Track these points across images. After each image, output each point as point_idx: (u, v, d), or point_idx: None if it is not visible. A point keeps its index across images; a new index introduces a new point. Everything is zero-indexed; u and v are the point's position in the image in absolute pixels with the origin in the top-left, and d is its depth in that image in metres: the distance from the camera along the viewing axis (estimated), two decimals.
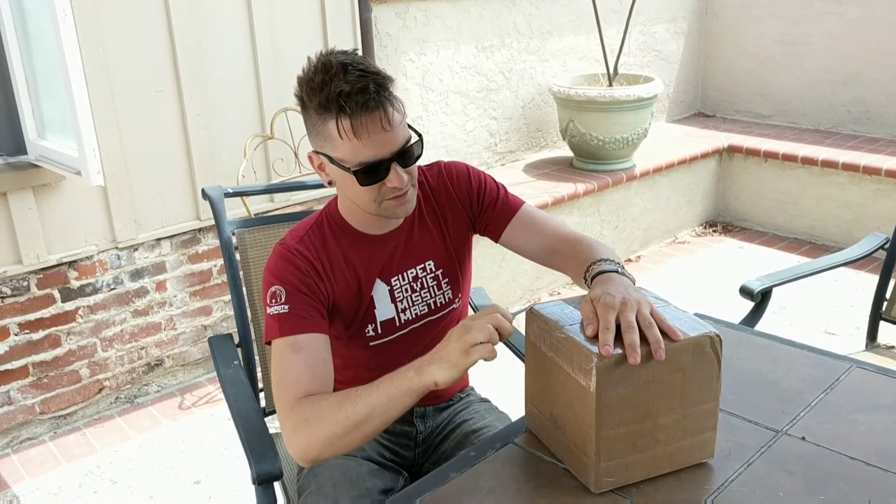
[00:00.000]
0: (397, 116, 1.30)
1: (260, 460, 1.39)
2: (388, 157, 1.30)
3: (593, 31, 4.15)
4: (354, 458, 1.47)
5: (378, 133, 1.28)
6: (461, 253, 1.56)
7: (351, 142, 1.28)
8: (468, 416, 1.60)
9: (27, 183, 2.54)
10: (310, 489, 1.42)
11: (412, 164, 1.36)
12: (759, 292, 2.08)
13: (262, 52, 2.98)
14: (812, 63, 4.76)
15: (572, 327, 1.11)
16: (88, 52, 2.50)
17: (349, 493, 1.37)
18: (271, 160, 3.02)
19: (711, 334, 1.09)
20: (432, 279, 1.51)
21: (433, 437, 1.60)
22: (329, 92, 1.26)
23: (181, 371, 3.06)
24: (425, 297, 1.50)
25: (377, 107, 1.27)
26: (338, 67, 1.27)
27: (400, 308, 1.48)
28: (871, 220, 4.00)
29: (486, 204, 1.53)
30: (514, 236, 1.53)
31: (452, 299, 1.54)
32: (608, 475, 1.09)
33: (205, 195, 1.78)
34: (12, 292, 2.60)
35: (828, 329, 3.31)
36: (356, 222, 1.45)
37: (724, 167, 4.60)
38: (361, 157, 1.29)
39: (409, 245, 1.50)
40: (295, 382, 1.28)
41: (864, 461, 1.16)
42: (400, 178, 1.32)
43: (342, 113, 1.26)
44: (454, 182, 1.54)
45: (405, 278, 1.49)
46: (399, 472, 1.53)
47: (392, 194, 1.34)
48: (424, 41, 3.71)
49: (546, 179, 3.91)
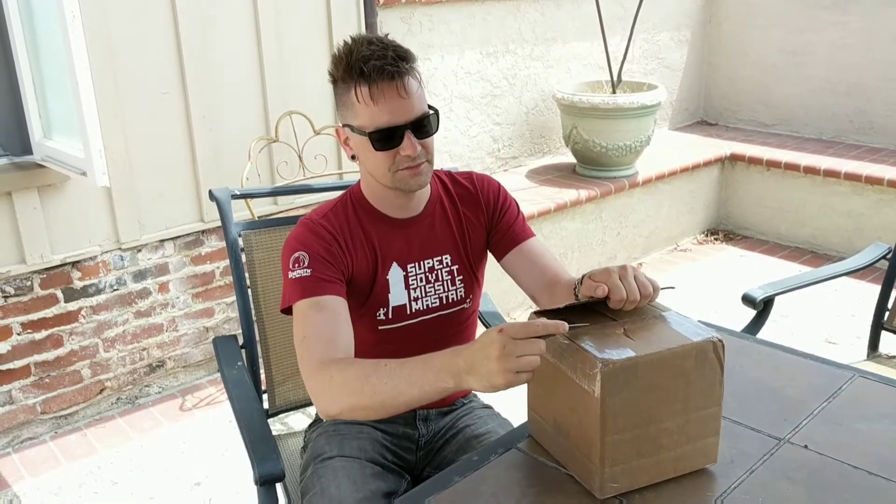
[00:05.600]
0: (414, 85, 1.37)
1: (262, 461, 1.39)
2: (403, 124, 1.37)
3: (597, 39, 4.17)
4: (358, 460, 1.47)
5: (395, 99, 1.35)
6: (477, 257, 1.59)
7: (368, 107, 1.35)
8: (470, 421, 1.61)
9: (32, 183, 2.55)
10: (314, 490, 1.42)
11: (427, 136, 1.41)
12: (762, 301, 2.08)
13: (268, 56, 2.99)
14: (815, 72, 4.77)
15: (575, 332, 1.11)
16: (95, 53, 2.51)
17: (353, 495, 1.38)
18: (275, 163, 3.02)
19: (714, 339, 1.10)
20: (447, 273, 1.54)
21: (435, 441, 1.61)
22: (352, 59, 1.35)
23: (182, 372, 3.06)
24: (438, 290, 1.53)
25: (394, 73, 1.34)
26: (363, 39, 1.37)
27: (413, 296, 1.51)
28: (873, 230, 4.01)
29: (503, 223, 1.58)
30: (516, 263, 1.58)
31: (464, 298, 1.56)
32: (613, 480, 1.09)
33: (212, 196, 1.79)
34: (15, 292, 2.61)
35: (829, 338, 3.31)
36: (379, 203, 1.51)
37: (726, 175, 4.60)
38: (378, 122, 1.36)
39: (429, 235, 1.53)
40: (320, 340, 1.30)
41: (866, 470, 1.16)
42: (413, 146, 1.38)
43: (361, 78, 1.34)
44: (483, 191, 1.60)
45: (421, 267, 1.52)
46: (402, 475, 1.53)
47: (405, 164, 1.39)
48: (429, 46, 3.72)
49: (549, 185, 3.91)
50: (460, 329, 1.60)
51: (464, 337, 1.62)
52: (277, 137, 2.85)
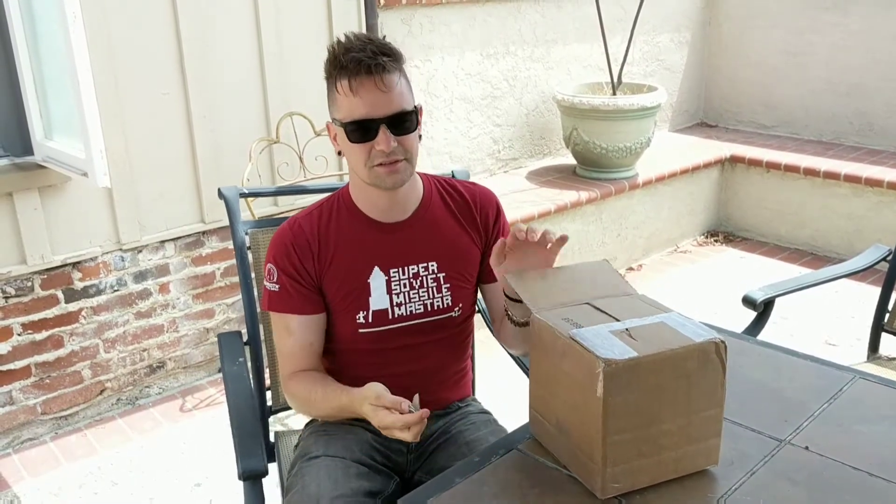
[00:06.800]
0: (395, 81, 1.38)
1: (246, 456, 1.42)
2: (380, 118, 1.37)
3: (598, 40, 4.17)
4: (343, 460, 1.47)
5: (372, 92, 1.36)
6: (468, 268, 1.57)
7: (348, 98, 1.38)
8: (464, 426, 1.58)
9: (33, 183, 2.55)
10: (295, 489, 1.43)
11: (404, 134, 1.40)
12: (762, 302, 2.09)
13: (269, 56, 2.99)
14: (815, 74, 4.77)
15: (577, 332, 1.12)
16: (96, 53, 2.50)
17: (330, 493, 1.38)
18: (276, 164, 3.02)
19: (716, 340, 1.10)
20: (433, 280, 1.52)
21: (427, 445, 1.59)
22: (336, 52, 1.39)
23: (183, 373, 3.06)
24: (423, 297, 1.52)
25: (372, 66, 1.35)
26: (352, 35, 1.40)
27: (395, 301, 1.50)
28: (872, 232, 4.01)
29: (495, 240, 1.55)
30: (492, 291, 1.60)
31: (451, 306, 1.54)
32: (614, 481, 1.09)
33: (220, 195, 1.81)
34: (16, 292, 2.61)
35: (829, 340, 3.31)
36: (364, 206, 1.51)
37: (726, 177, 4.61)
38: (355, 114, 1.38)
39: (415, 241, 1.52)
40: (288, 360, 1.53)
41: (867, 472, 1.16)
42: (387, 141, 1.38)
43: (343, 70, 1.37)
44: (479, 205, 1.59)
45: (405, 273, 1.51)
46: (390, 476, 1.52)
47: (380, 159, 1.40)
48: (430, 48, 3.72)
49: (549, 187, 3.92)
50: (448, 336, 1.57)
51: (455, 344, 1.60)
52: (278, 138, 2.85)
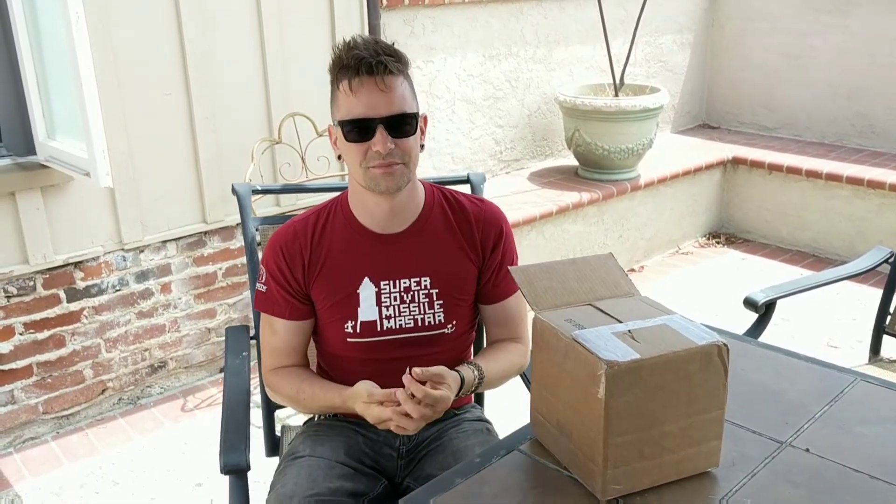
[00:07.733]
0: (397, 83, 1.38)
1: (229, 451, 1.42)
2: (378, 118, 1.37)
3: (600, 41, 4.17)
4: (327, 460, 1.47)
5: (373, 91, 1.36)
6: (462, 284, 1.53)
7: (348, 97, 1.38)
8: (455, 435, 1.55)
9: (36, 183, 2.56)
10: (275, 488, 1.44)
11: (403, 137, 1.39)
12: (764, 304, 2.09)
13: (271, 57, 3.00)
14: (817, 76, 4.77)
15: (580, 334, 1.12)
16: (99, 53, 2.51)
17: (305, 492, 1.38)
18: (278, 164, 3.03)
19: (719, 343, 1.10)
20: (425, 296, 1.50)
21: (418, 451, 1.56)
22: (341, 52, 1.39)
23: (184, 373, 3.07)
24: (413, 312, 1.49)
25: (374, 66, 1.35)
26: (359, 37, 1.41)
27: (384, 314, 1.48)
28: (874, 234, 4.01)
29: (493, 266, 1.55)
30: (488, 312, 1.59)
31: (444, 323, 1.51)
32: (615, 482, 1.09)
33: (234, 191, 1.84)
34: (18, 292, 2.61)
35: (830, 342, 3.31)
36: (361, 216, 1.50)
37: (728, 179, 4.61)
38: (353, 112, 1.38)
39: (409, 255, 1.50)
40: (271, 357, 1.56)
41: (868, 474, 1.16)
42: (384, 142, 1.37)
43: (345, 69, 1.38)
44: (482, 225, 1.54)
45: (396, 286, 1.49)
46: (378, 478, 1.51)
47: (376, 160, 1.39)
48: (432, 49, 3.73)
49: (551, 188, 3.92)
50: (445, 350, 1.53)
51: (452, 358, 1.52)
52: (280, 139, 2.85)
